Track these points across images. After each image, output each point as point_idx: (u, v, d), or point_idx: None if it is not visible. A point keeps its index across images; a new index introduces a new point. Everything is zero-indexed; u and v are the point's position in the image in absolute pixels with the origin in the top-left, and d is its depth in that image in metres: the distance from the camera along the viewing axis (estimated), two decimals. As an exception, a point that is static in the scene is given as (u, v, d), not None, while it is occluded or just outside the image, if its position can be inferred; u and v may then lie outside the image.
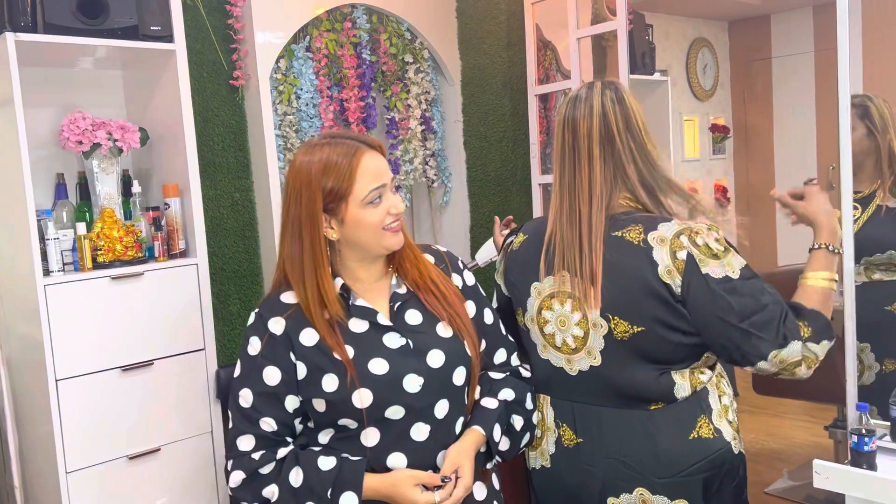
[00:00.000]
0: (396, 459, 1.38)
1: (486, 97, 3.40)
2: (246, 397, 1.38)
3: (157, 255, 2.40)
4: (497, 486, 1.54)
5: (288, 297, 1.42)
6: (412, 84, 3.16)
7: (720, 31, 5.47)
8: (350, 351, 1.37)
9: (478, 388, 1.51)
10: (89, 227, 2.31)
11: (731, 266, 1.46)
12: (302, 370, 1.38)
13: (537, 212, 3.30)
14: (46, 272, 2.18)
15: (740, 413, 1.63)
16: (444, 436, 1.41)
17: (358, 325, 1.41)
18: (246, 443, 1.38)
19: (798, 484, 3.24)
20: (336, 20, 2.93)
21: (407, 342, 1.41)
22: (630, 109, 1.58)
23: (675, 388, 1.51)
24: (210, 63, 2.70)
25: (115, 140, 2.33)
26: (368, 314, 1.42)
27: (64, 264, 2.24)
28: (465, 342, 1.45)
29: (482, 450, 1.46)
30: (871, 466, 1.74)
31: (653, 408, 1.52)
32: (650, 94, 4.29)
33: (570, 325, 1.55)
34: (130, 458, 2.30)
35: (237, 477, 1.36)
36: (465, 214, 3.41)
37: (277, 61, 2.78)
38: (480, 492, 1.47)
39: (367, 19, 3.00)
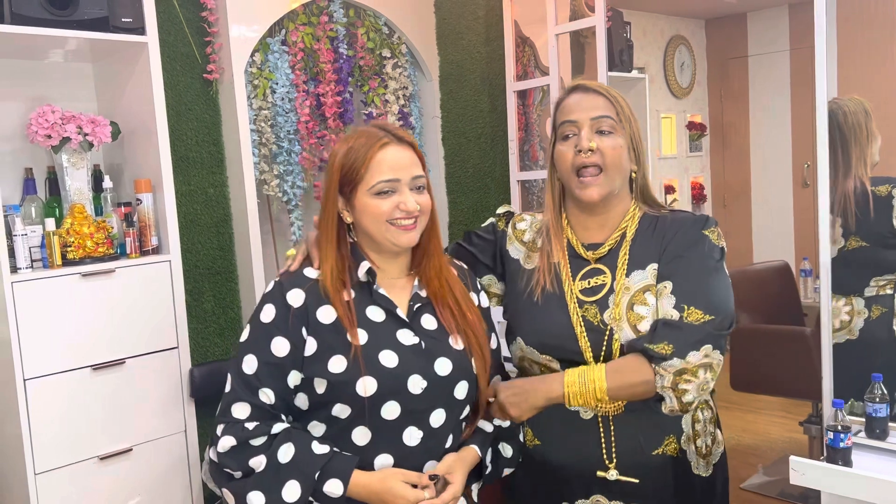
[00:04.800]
0: (384, 461, 1.37)
1: (464, 93, 3.38)
2: (250, 363, 1.35)
3: (128, 251, 2.35)
4: (475, 499, 1.54)
5: (311, 272, 1.41)
6: (390, 79, 3.13)
7: (697, 28, 5.50)
8: (363, 336, 1.36)
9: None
10: (59, 223, 2.26)
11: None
12: (311, 346, 1.36)
13: (516, 209, 3.29)
14: (14, 269, 2.13)
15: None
16: (435, 445, 1.41)
17: (375, 314, 1.41)
18: (241, 410, 1.34)
19: (773, 479, 3.27)
20: (312, 14, 2.90)
21: (420, 342, 1.40)
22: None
23: None
24: (183, 56, 2.65)
25: (86, 134, 2.28)
26: (388, 304, 1.42)
27: (32, 261, 2.19)
28: (474, 359, 1.45)
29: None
30: (847, 463, 1.76)
31: None
32: (628, 92, 4.30)
33: None
34: (101, 459, 2.26)
35: (227, 442, 1.32)
36: (443, 211, 3.39)
37: (252, 55, 2.74)
38: None
39: (344, 13, 2.96)
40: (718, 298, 1.44)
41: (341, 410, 1.35)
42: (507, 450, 1.52)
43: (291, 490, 1.30)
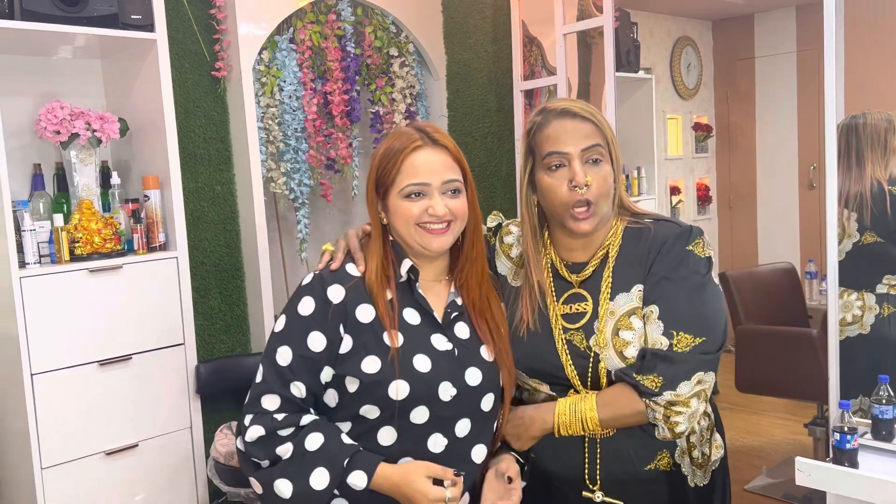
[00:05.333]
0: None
1: (471, 92, 3.38)
2: (284, 355, 1.34)
3: (136, 247, 2.36)
4: None
5: (353, 270, 1.41)
6: (397, 78, 3.13)
7: (704, 30, 5.49)
8: (399, 339, 1.36)
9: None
10: (67, 219, 2.27)
11: None
12: (347, 344, 1.35)
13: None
14: (22, 264, 2.14)
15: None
16: (459, 455, 1.40)
17: (412, 317, 1.40)
18: (271, 402, 1.34)
19: (777, 481, 3.26)
20: (320, 12, 2.90)
21: (453, 349, 1.40)
22: None
23: None
24: (192, 53, 2.66)
25: (94, 130, 2.29)
26: (427, 306, 1.42)
27: (40, 256, 2.19)
28: (502, 372, 1.45)
29: None
30: (853, 464, 1.76)
31: None
32: (634, 92, 4.30)
33: None
34: (107, 454, 2.27)
35: (255, 432, 1.32)
36: (448, 210, 3.40)
37: (260, 53, 2.75)
38: None
39: (352, 12, 2.97)
40: (708, 317, 1.41)
41: (370, 411, 1.35)
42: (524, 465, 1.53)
43: (319, 477, 1.30)
